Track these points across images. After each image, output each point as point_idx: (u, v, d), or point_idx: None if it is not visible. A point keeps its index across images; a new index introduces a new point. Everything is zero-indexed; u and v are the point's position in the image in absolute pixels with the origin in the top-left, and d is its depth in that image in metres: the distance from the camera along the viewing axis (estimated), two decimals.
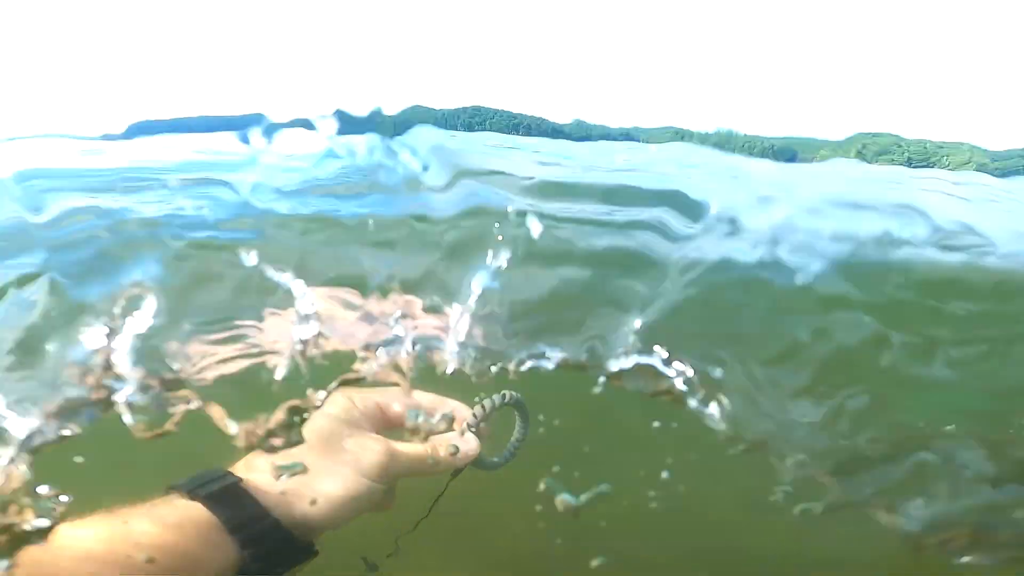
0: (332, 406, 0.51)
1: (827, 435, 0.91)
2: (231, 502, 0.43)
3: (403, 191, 1.14)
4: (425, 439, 0.54)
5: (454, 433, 0.56)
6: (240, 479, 0.45)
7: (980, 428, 0.98)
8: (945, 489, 0.90)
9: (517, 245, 0.80)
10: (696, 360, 0.85)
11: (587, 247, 1.16)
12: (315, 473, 0.46)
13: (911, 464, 0.90)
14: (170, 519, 0.41)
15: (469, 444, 0.55)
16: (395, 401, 0.55)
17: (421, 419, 0.56)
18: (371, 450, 0.48)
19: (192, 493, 0.43)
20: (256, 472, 0.47)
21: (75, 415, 0.61)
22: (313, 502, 0.45)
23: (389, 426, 0.55)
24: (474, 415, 0.58)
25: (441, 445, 0.54)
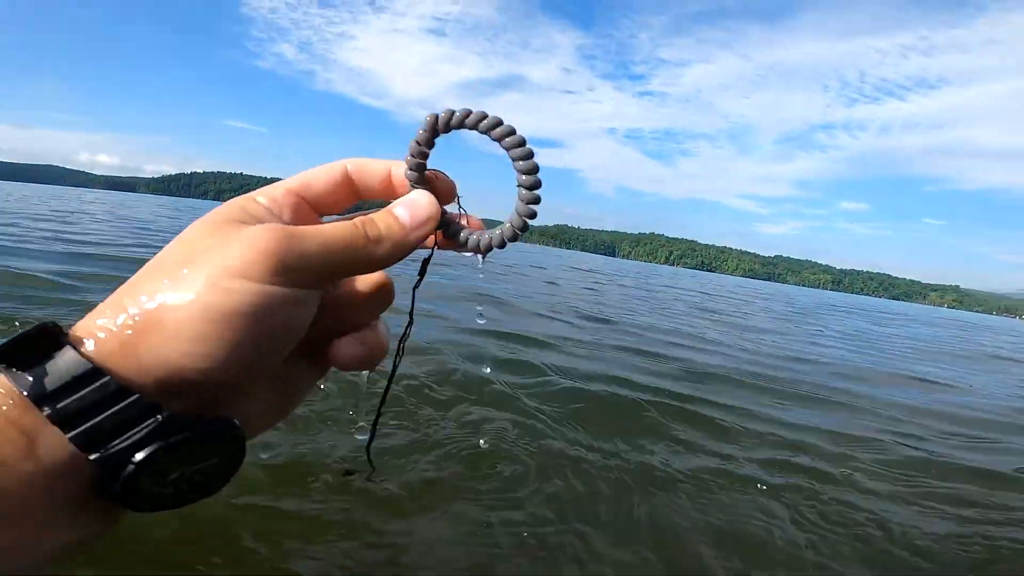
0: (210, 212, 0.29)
1: None
2: (41, 359, 0.24)
3: None
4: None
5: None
6: (52, 324, 0.25)
7: None
8: None
9: None
10: None
11: None
12: (165, 294, 0.25)
13: None
14: None
15: (416, 205, 0.33)
16: (312, 172, 0.34)
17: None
18: (253, 238, 0.26)
19: None
20: (88, 318, 0.26)
21: None
22: (165, 342, 0.24)
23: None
24: (411, 154, 0.34)
25: (376, 215, 0.32)
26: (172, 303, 0.25)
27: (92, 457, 0.23)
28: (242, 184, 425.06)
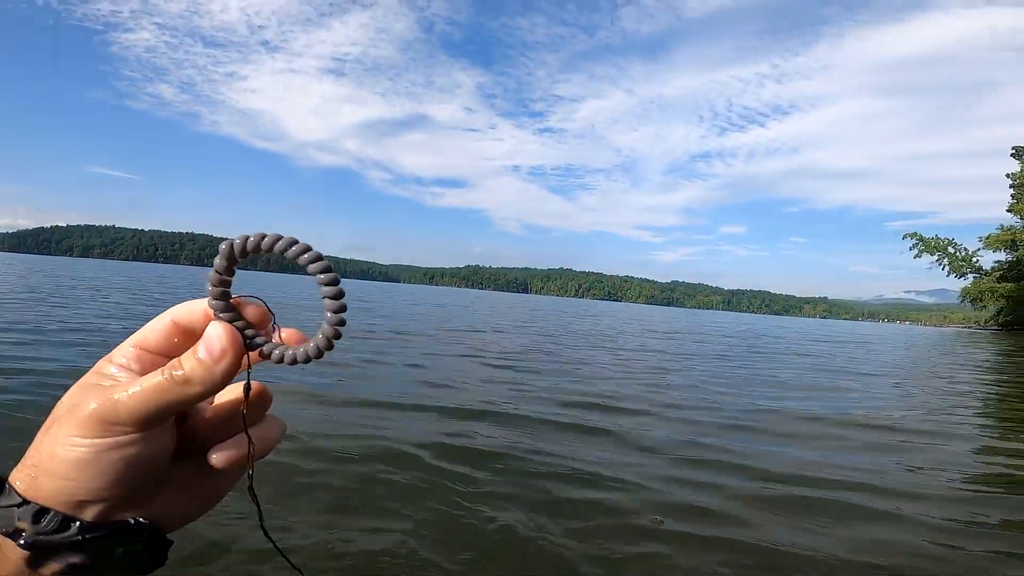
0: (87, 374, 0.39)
1: None
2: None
3: None
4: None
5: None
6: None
7: None
8: None
9: None
10: None
11: None
12: (46, 447, 0.36)
13: None
14: None
15: (211, 339, 0.36)
16: (147, 325, 0.39)
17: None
18: (85, 402, 0.35)
19: None
20: (15, 469, 0.38)
21: None
22: (53, 480, 0.35)
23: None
24: (211, 284, 0.37)
25: (183, 357, 0.37)
26: (47, 455, 0.36)
27: (44, 566, 0.37)
28: (114, 238, 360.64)
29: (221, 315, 0.37)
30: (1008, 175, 46.97)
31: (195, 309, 0.39)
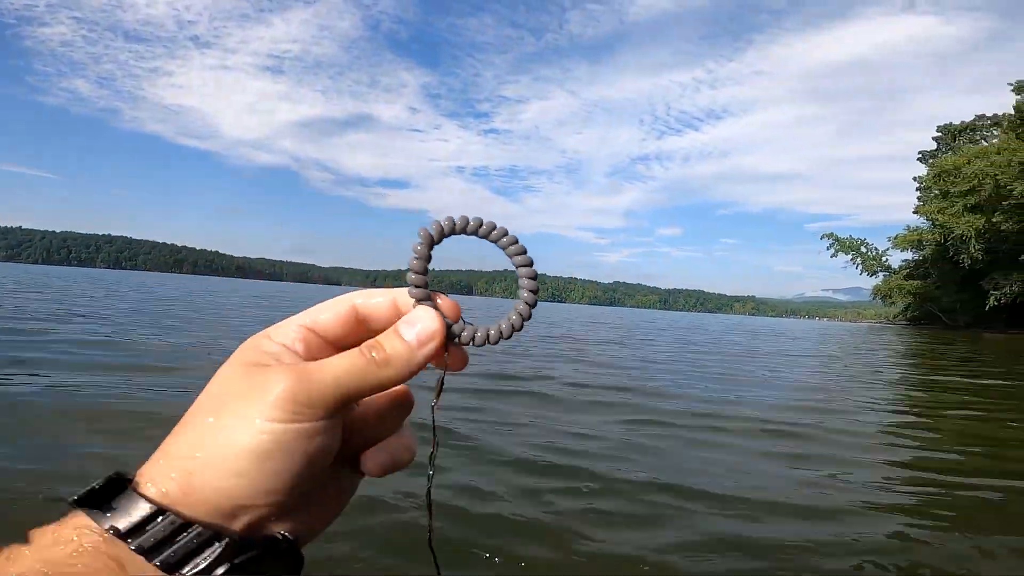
0: (235, 352, 0.35)
1: None
2: (116, 503, 0.30)
3: None
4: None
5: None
6: (120, 473, 0.32)
7: None
8: None
9: None
10: None
11: None
12: (206, 437, 0.31)
13: None
14: (49, 545, 0.29)
15: (420, 322, 0.35)
16: (321, 309, 0.37)
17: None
18: (270, 381, 0.32)
19: (80, 503, 0.31)
20: (149, 464, 0.32)
21: None
22: (213, 477, 0.30)
23: (336, 349, 0.37)
24: (413, 272, 0.36)
25: (383, 336, 0.35)
26: (214, 446, 0.30)
27: None
28: (21, 240, 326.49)
29: (420, 302, 0.37)
30: (915, 178, 50.81)
31: (379, 301, 0.38)
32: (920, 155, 53.50)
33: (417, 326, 0.35)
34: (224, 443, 0.31)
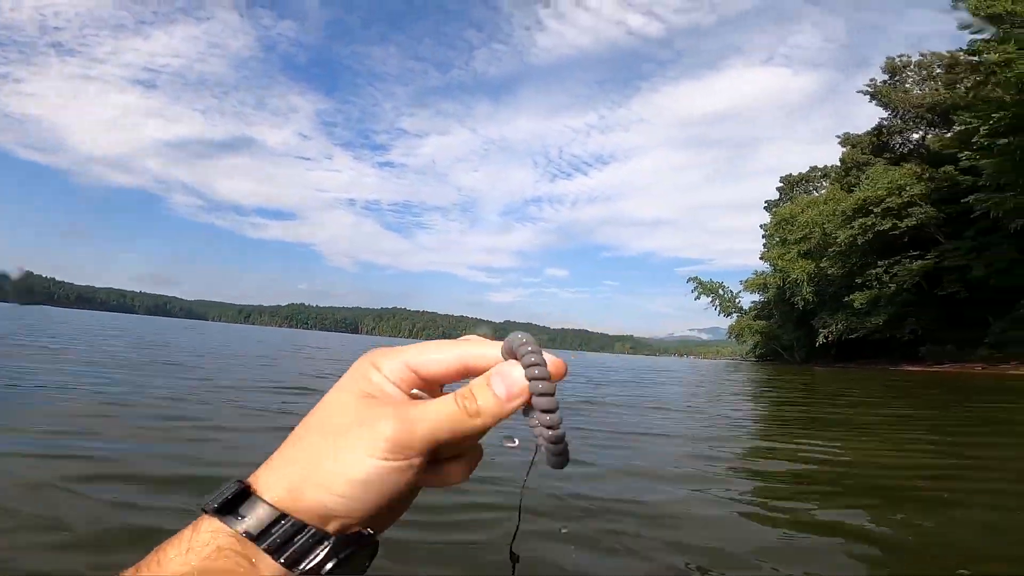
0: (346, 377, 0.41)
1: None
2: (243, 511, 0.37)
3: None
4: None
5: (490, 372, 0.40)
6: (244, 482, 0.39)
7: None
8: None
9: None
10: None
11: None
12: (319, 459, 0.38)
13: None
14: (195, 548, 0.37)
15: (510, 376, 0.39)
16: (430, 353, 0.42)
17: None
18: (379, 422, 0.38)
19: (216, 512, 0.38)
20: (266, 470, 0.40)
21: None
22: (321, 493, 0.37)
23: (431, 388, 0.43)
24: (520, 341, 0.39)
25: (475, 388, 0.40)
26: (324, 470, 0.38)
27: (295, 571, 0.37)
28: None
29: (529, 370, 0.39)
30: (761, 226, 55.19)
31: (489, 354, 0.42)
32: (766, 204, 59.38)
33: (509, 381, 0.39)
34: (333, 469, 0.38)
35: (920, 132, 40.42)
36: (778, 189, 58.91)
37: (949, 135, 31.45)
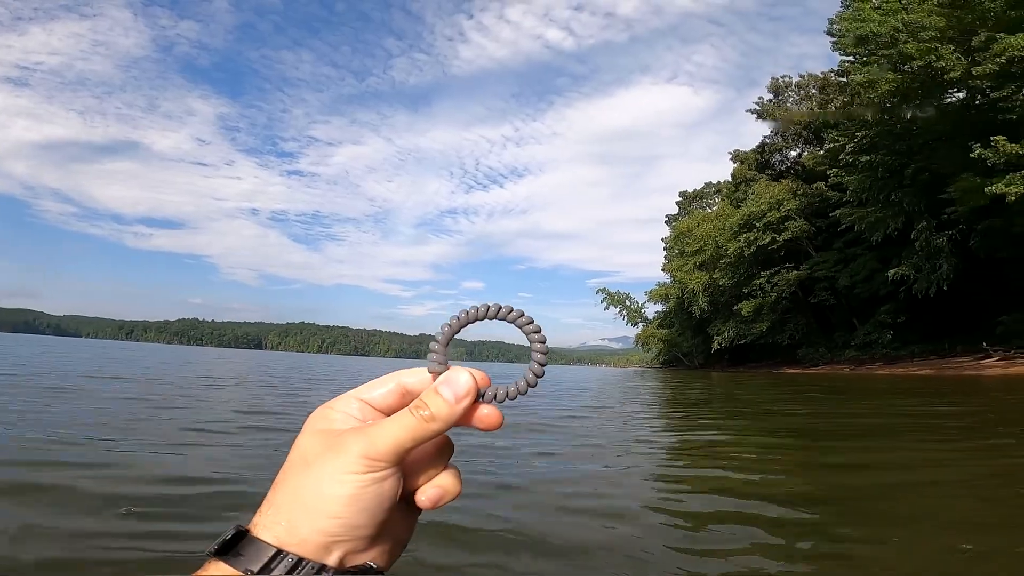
0: (306, 424, 0.46)
1: None
2: (242, 550, 0.41)
3: None
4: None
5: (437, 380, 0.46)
6: (241, 526, 0.42)
7: None
8: None
9: None
10: None
11: None
12: (304, 491, 0.41)
13: None
14: None
15: (456, 381, 0.44)
16: (374, 386, 0.48)
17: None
18: (347, 443, 0.42)
19: (216, 554, 0.41)
20: (259, 516, 0.43)
21: None
22: (313, 520, 0.41)
23: (385, 414, 0.47)
24: (434, 352, 0.46)
25: (426, 397, 0.44)
26: (310, 496, 0.41)
27: None
28: None
29: (434, 364, 0.47)
30: (663, 239, 58.49)
31: (423, 376, 0.48)
32: (667, 218, 62.55)
33: (454, 385, 0.45)
34: (318, 493, 0.41)
35: (797, 149, 44.23)
36: (677, 204, 62.18)
37: (821, 152, 34.36)
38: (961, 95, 24.90)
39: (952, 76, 22.23)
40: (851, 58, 27.16)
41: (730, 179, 48.79)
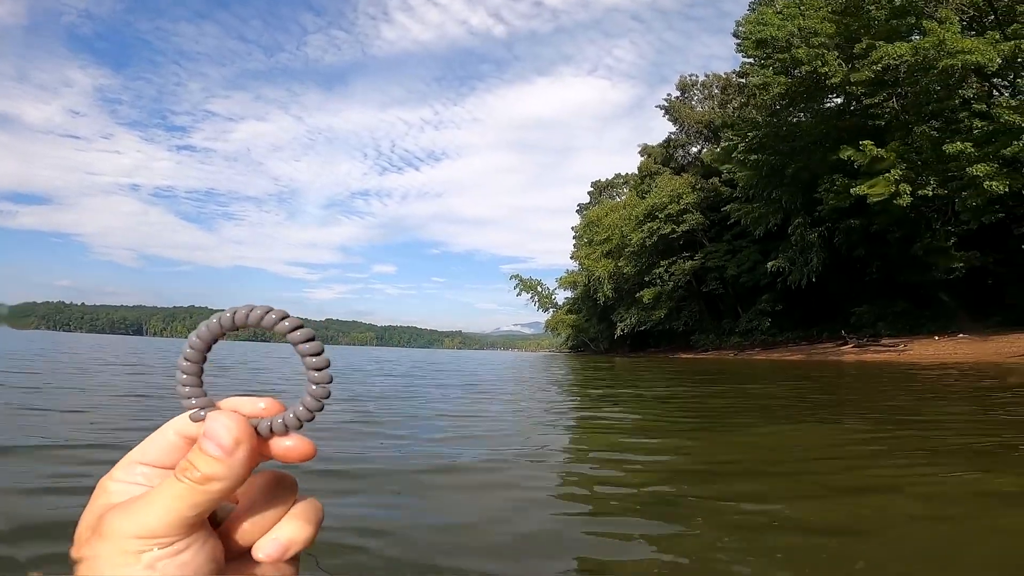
0: (88, 504, 0.38)
1: None
2: None
3: None
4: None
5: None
6: None
7: None
8: None
9: None
10: None
11: None
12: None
13: None
14: None
15: (218, 431, 0.35)
16: (150, 441, 0.39)
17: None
18: (111, 525, 0.34)
19: None
20: None
21: None
22: None
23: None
24: (184, 398, 0.37)
25: (192, 458, 0.35)
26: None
27: None
28: None
29: (194, 401, 0.37)
30: (572, 228, 59.96)
31: (195, 424, 0.40)
32: (578, 207, 64.07)
33: (214, 437, 0.35)
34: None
35: (699, 146, 46.73)
36: (589, 193, 63.82)
37: (718, 150, 36.43)
38: (839, 100, 27.27)
39: (832, 82, 24.11)
40: (751, 60, 28.69)
41: (637, 171, 50.70)
